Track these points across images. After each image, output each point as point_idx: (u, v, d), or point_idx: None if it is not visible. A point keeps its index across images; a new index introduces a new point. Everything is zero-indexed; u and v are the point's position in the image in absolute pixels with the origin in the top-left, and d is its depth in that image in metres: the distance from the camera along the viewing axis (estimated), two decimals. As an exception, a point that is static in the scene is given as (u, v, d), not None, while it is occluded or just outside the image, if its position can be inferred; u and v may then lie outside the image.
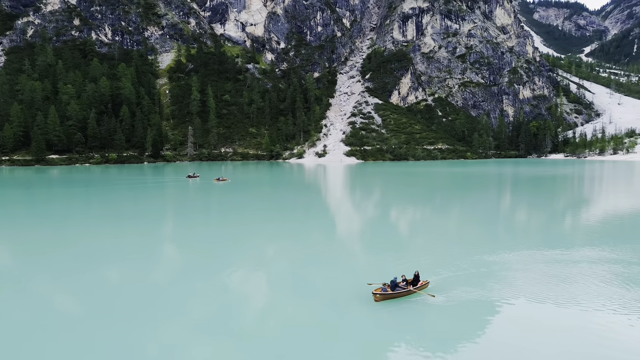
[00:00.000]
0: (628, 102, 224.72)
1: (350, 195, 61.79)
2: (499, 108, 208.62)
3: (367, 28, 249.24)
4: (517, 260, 22.52)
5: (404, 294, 17.65)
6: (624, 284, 18.77)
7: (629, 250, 24.68)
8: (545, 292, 17.86)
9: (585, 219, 37.69)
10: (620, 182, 78.96)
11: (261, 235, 31.19)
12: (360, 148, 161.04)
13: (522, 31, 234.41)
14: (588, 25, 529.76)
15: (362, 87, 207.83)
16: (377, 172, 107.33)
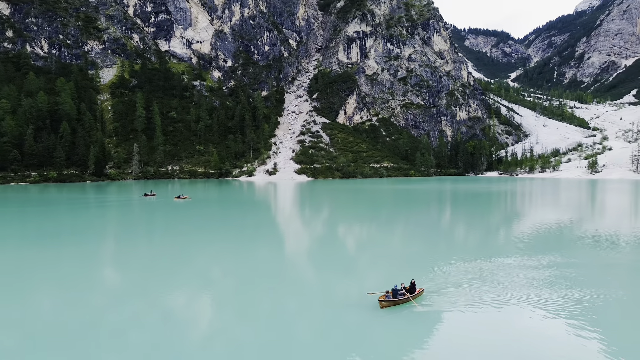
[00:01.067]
0: (552, 124, 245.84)
1: (315, 213, 63.47)
2: (438, 128, 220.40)
3: (313, 49, 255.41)
4: (498, 266, 25.28)
5: (405, 300, 19.60)
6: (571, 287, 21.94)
7: (563, 255, 28.37)
8: (528, 294, 20.59)
9: (529, 230, 41.99)
10: (550, 198, 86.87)
11: (224, 253, 31.15)
12: (310, 166, 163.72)
13: (457, 57, 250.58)
14: (513, 53, 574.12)
15: (309, 106, 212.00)
16: (330, 190, 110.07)
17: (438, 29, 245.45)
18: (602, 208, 69.30)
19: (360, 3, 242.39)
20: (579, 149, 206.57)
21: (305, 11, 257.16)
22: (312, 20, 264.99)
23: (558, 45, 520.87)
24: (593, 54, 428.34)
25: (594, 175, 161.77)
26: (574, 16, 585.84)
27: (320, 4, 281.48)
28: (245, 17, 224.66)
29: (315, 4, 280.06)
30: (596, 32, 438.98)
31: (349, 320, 17.86)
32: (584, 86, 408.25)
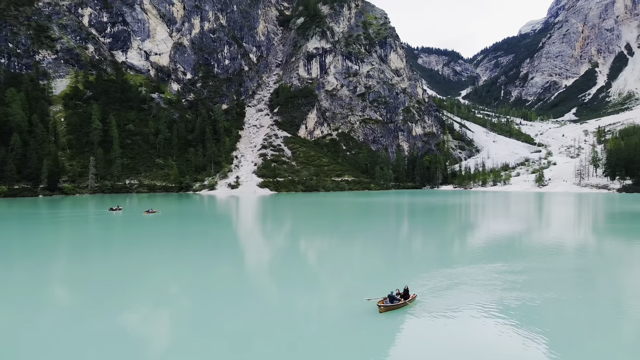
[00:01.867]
0: (501, 140, 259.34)
1: (287, 227, 64.47)
2: (395, 143, 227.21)
3: (273, 64, 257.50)
4: (478, 272, 27.48)
5: (401, 305, 21.27)
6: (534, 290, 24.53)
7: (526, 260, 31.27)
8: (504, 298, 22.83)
9: (495, 238, 45.17)
10: (506, 209, 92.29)
11: (200, 268, 31.05)
12: (273, 179, 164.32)
13: (412, 74, 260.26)
14: (463, 72, 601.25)
15: (271, 120, 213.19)
16: (296, 203, 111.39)
17: (394, 48, 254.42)
18: (555, 218, 75.08)
19: (319, 20, 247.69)
20: (526, 163, 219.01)
21: (265, 26, 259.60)
22: (272, 35, 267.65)
23: (504, 65, 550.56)
24: (536, 74, 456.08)
25: (541, 189, 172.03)
26: (518, 38, 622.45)
27: (280, 19, 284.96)
28: (205, 30, 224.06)
29: (275, 19, 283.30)
30: (539, 54, 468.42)
31: (348, 325, 19.39)
32: (529, 104, 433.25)
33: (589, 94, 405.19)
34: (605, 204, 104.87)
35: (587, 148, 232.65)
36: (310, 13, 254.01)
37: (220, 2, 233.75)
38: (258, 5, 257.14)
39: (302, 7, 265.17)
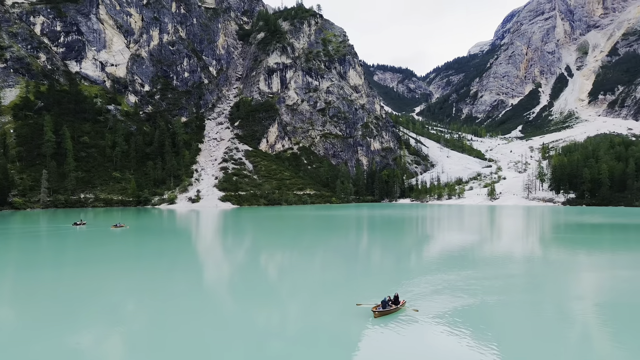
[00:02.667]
0: (454, 155, 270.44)
1: (252, 241, 65.23)
2: (355, 158, 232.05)
3: (233, 77, 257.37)
4: (457, 278, 29.80)
5: (393, 310, 23.09)
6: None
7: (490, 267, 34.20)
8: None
9: (463, 247, 48.23)
10: (464, 222, 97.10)
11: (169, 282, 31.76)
12: (235, 193, 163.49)
13: (370, 91, 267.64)
14: (417, 89, 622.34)
15: (231, 133, 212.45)
16: (258, 217, 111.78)
17: (353, 65, 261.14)
18: (509, 230, 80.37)
19: (280, 36, 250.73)
20: (478, 178, 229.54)
21: (225, 40, 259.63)
22: (232, 49, 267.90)
23: (455, 83, 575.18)
24: (485, 93, 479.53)
25: (493, 202, 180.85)
26: (467, 58, 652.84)
27: (240, 34, 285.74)
28: (164, 42, 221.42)
29: (235, 33, 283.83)
30: (487, 74, 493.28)
31: (347, 329, 21.12)
32: (479, 121, 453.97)
33: (533, 113, 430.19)
34: (551, 216, 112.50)
35: (533, 163, 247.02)
36: (270, 29, 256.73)
37: (179, 15, 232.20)
38: (218, 20, 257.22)
39: (263, 22, 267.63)
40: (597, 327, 21.10)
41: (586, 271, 35.89)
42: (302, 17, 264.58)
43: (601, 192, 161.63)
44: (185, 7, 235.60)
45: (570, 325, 21.40)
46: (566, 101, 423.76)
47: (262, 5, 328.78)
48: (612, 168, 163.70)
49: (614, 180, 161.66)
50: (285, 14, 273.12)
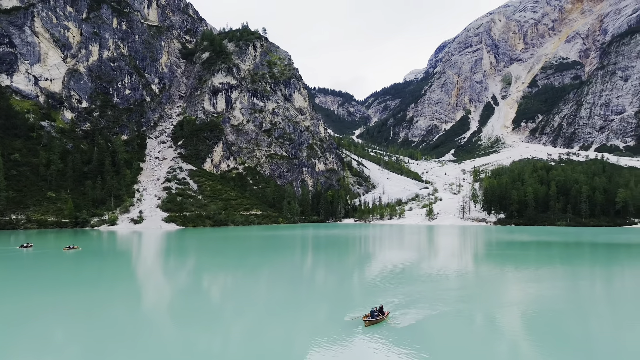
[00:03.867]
0: (394, 177, 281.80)
1: (193, 263, 65.60)
2: (300, 178, 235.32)
3: (176, 96, 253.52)
4: (425, 289, 33.02)
5: (380, 320, 25.72)
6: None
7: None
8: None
9: (417, 263, 52.18)
10: (409, 240, 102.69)
11: None
12: (179, 214, 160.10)
13: (315, 114, 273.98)
14: (356, 112, 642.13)
15: (174, 153, 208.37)
16: (203, 238, 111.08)
17: (298, 88, 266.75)
18: (450, 247, 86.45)
19: (225, 57, 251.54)
20: (417, 198, 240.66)
21: (168, 58, 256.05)
22: (175, 67, 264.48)
23: (392, 108, 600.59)
24: (420, 118, 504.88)
25: (431, 222, 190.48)
26: (403, 85, 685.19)
27: (183, 52, 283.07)
28: (104, 58, 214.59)
29: (178, 52, 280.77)
30: (422, 100, 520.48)
31: (343, 336, 23.79)
32: (414, 145, 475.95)
33: (464, 137, 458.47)
34: (484, 235, 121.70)
35: (466, 185, 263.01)
36: (216, 49, 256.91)
37: (121, 31, 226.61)
38: (161, 37, 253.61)
39: (207, 42, 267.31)
40: (527, 329, 25.02)
41: (515, 283, 40.76)
42: (247, 39, 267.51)
43: (527, 212, 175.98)
44: (127, 24, 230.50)
45: (501, 329, 25.18)
46: (493, 127, 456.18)
47: (205, 25, 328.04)
48: (537, 190, 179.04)
49: (538, 201, 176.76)
50: (231, 35, 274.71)
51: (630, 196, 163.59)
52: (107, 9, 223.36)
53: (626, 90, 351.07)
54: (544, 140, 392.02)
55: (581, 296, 34.85)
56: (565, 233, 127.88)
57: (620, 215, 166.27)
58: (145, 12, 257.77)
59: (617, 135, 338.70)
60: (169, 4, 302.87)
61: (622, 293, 37.36)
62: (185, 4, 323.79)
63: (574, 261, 62.42)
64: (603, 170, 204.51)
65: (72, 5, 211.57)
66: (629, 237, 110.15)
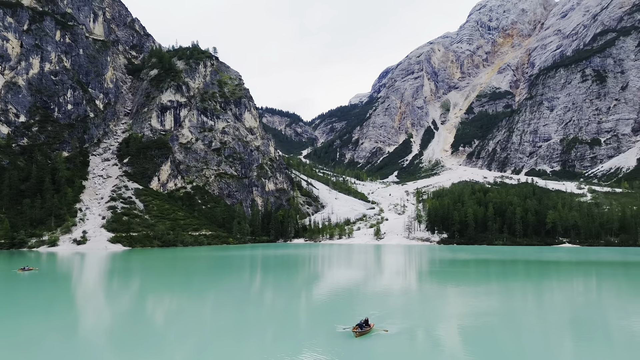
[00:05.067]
0: (342, 197, 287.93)
1: (137, 286, 65.55)
2: (250, 198, 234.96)
3: (122, 112, 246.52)
4: (396, 302, 36.12)
5: (368, 331, 28.52)
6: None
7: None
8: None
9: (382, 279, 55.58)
10: (351, 259, 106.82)
11: None
12: (126, 234, 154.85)
13: (265, 134, 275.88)
14: (304, 133, 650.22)
15: (119, 171, 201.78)
16: (150, 259, 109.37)
17: (249, 108, 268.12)
18: (399, 265, 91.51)
19: (175, 75, 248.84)
20: (364, 218, 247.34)
21: (114, 74, 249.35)
22: (121, 83, 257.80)
23: (338, 130, 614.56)
24: (365, 140, 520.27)
25: (379, 241, 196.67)
26: (349, 107, 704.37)
27: (129, 68, 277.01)
28: (45, 71, 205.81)
29: (124, 67, 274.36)
30: (367, 123, 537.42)
31: (340, 345, 26.45)
32: (360, 166, 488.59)
33: (407, 160, 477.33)
34: (429, 254, 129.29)
35: (410, 206, 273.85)
36: (165, 66, 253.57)
37: (64, 44, 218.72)
38: (107, 52, 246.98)
39: (156, 59, 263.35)
40: (466, 341, 28.90)
41: (455, 298, 45.21)
42: (197, 58, 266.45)
43: (468, 232, 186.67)
44: (71, 37, 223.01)
45: (451, 341, 28.92)
46: (433, 151, 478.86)
47: (152, 41, 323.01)
48: (476, 212, 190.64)
49: (478, 222, 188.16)
50: (180, 53, 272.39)
51: (558, 217, 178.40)
52: (50, 21, 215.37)
53: (552, 120, 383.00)
54: (480, 164, 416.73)
55: (515, 309, 39.43)
56: (502, 251, 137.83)
57: (550, 235, 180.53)
58: (90, 26, 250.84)
59: (544, 160, 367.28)
60: (115, 19, 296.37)
61: (551, 306, 42.51)
62: (131, 19, 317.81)
63: (508, 277, 69.53)
64: (533, 193, 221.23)
65: (13, 16, 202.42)
66: (558, 255, 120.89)
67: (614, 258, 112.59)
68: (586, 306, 42.18)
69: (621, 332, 30.03)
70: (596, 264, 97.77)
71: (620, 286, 61.00)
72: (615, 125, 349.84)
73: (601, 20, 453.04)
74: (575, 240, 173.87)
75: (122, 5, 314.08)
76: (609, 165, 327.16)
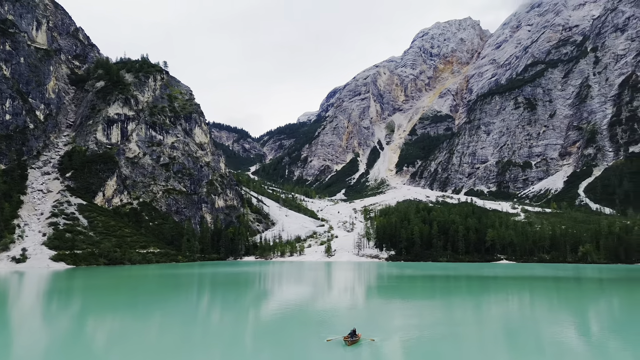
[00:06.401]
0: (292, 215, 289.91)
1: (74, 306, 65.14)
2: (199, 215, 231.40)
3: (64, 124, 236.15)
4: (375, 314, 39.28)
5: (358, 340, 31.51)
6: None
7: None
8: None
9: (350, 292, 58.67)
10: (315, 275, 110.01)
11: None
12: (70, 252, 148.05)
13: (215, 150, 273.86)
14: (252, 149, 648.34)
15: (61, 185, 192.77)
16: (97, 277, 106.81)
17: (199, 123, 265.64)
18: (347, 282, 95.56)
19: (123, 87, 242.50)
20: (315, 236, 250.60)
21: (56, 84, 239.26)
22: (64, 94, 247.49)
23: (287, 147, 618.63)
24: (314, 158, 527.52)
25: (330, 258, 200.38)
26: (297, 125, 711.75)
27: (72, 78, 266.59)
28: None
29: (66, 78, 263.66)
30: (315, 141, 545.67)
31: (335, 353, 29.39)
32: (309, 183, 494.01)
33: (354, 178, 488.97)
34: (377, 270, 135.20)
35: (358, 224, 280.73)
36: (112, 78, 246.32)
37: (4, 51, 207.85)
38: (50, 61, 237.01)
39: (103, 70, 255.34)
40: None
41: (406, 310, 49.62)
42: (147, 72, 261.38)
43: (414, 249, 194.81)
44: (12, 45, 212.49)
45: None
46: (379, 170, 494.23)
47: (97, 51, 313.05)
48: (422, 229, 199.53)
49: (423, 239, 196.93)
50: (129, 65, 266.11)
51: (496, 235, 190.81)
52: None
53: (488, 143, 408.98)
54: (423, 184, 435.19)
55: (456, 320, 44.02)
56: (446, 268, 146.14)
57: (489, 252, 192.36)
58: (33, 34, 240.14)
59: (482, 181, 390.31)
60: (57, 27, 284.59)
61: (488, 318, 47.64)
62: (75, 28, 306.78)
63: (451, 292, 75.65)
64: (473, 212, 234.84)
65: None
66: (496, 271, 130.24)
67: (546, 273, 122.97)
68: (520, 318, 47.61)
69: (551, 342, 34.21)
70: (530, 279, 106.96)
71: (552, 299, 68.13)
72: (544, 150, 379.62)
73: (531, 53, 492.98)
74: (511, 257, 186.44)
75: (65, 13, 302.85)
76: (539, 186, 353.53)
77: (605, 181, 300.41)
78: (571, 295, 73.69)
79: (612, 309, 57.03)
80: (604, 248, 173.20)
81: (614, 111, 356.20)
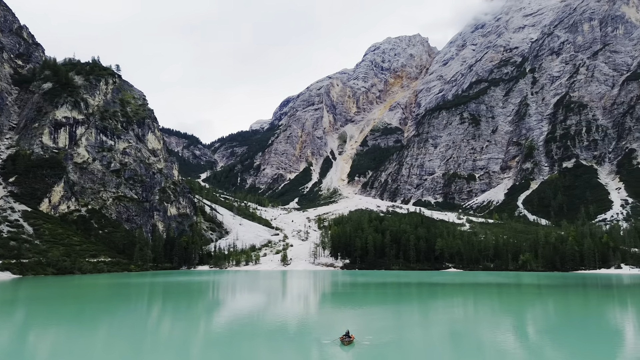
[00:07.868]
0: (247, 223, 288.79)
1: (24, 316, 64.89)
2: (151, 223, 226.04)
3: (6, 126, 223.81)
4: (365, 319, 42.59)
5: (352, 340, 34.62)
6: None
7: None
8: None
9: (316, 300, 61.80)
10: (258, 285, 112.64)
11: None
12: (16, 261, 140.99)
13: (169, 157, 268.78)
14: (202, 156, 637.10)
15: (4, 190, 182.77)
16: (44, 287, 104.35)
17: (152, 129, 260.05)
18: (302, 290, 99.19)
19: (72, 90, 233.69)
20: (269, 244, 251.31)
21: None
22: (6, 94, 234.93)
23: (239, 155, 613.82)
24: (267, 167, 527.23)
25: (286, 267, 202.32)
26: (250, 133, 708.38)
27: (16, 79, 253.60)
28: None
29: (9, 77, 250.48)
30: (269, 150, 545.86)
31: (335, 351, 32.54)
32: (261, 192, 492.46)
33: (307, 187, 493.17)
34: (332, 278, 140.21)
35: (312, 233, 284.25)
36: (61, 80, 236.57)
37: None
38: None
39: (50, 72, 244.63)
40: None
41: (361, 317, 53.95)
42: (98, 74, 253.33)
43: (368, 258, 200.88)
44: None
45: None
46: (332, 180, 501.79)
47: (42, 51, 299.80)
48: (375, 239, 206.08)
49: (377, 248, 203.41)
50: (79, 67, 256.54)
51: (445, 245, 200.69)
52: None
53: (436, 156, 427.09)
54: (374, 194, 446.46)
55: (406, 324, 48.37)
56: (398, 276, 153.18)
57: (438, 261, 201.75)
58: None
59: (429, 192, 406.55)
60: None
61: (435, 322, 52.26)
62: (19, 25, 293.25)
63: (403, 298, 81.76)
64: (422, 222, 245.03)
65: None
66: (444, 279, 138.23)
67: (489, 280, 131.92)
68: (464, 321, 52.58)
69: (492, 342, 38.16)
70: (475, 285, 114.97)
71: (494, 304, 74.70)
72: (487, 164, 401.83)
73: (476, 71, 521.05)
74: (459, 265, 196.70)
75: (8, 9, 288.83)
76: (482, 198, 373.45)
77: (542, 194, 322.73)
78: (512, 300, 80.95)
79: (547, 312, 63.47)
80: (542, 257, 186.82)
81: (550, 129, 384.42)
